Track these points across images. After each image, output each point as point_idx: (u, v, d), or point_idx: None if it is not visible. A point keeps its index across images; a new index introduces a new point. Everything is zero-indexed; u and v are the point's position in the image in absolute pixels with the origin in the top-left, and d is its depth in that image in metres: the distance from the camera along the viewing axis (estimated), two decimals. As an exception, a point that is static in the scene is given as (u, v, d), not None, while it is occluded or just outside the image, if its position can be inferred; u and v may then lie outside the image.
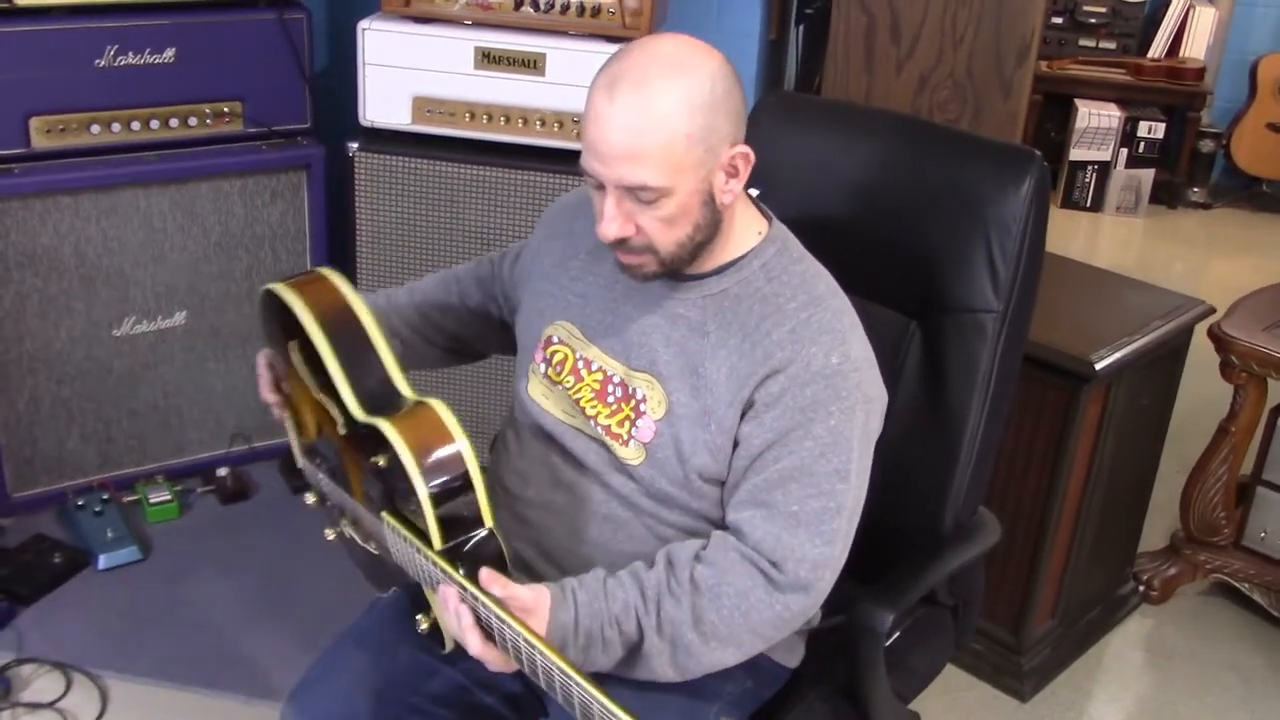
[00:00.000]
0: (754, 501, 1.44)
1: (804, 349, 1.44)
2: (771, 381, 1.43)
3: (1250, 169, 5.35)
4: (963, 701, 2.48)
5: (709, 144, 1.39)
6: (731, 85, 1.41)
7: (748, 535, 1.43)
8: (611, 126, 1.36)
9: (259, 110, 2.77)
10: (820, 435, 1.42)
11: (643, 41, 1.43)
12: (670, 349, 1.50)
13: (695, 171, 1.39)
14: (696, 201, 1.41)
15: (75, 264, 2.66)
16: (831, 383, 1.43)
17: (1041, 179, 1.66)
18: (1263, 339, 2.60)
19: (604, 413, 1.53)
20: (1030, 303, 1.70)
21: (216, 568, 2.68)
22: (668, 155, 1.36)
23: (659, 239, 1.43)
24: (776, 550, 1.41)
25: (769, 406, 1.43)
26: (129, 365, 2.79)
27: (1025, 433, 2.36)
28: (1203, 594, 2.86)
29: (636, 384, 1.51)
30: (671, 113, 1.36)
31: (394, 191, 2.70)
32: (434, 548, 1.36)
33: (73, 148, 2.60)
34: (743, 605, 1.41)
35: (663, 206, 1.39)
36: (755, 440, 1.44)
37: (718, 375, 1.46)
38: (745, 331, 1.46)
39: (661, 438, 1.49)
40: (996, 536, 1.76)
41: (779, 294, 1.48)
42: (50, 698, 2.31)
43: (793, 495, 1.42)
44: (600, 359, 1.55)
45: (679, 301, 1.51)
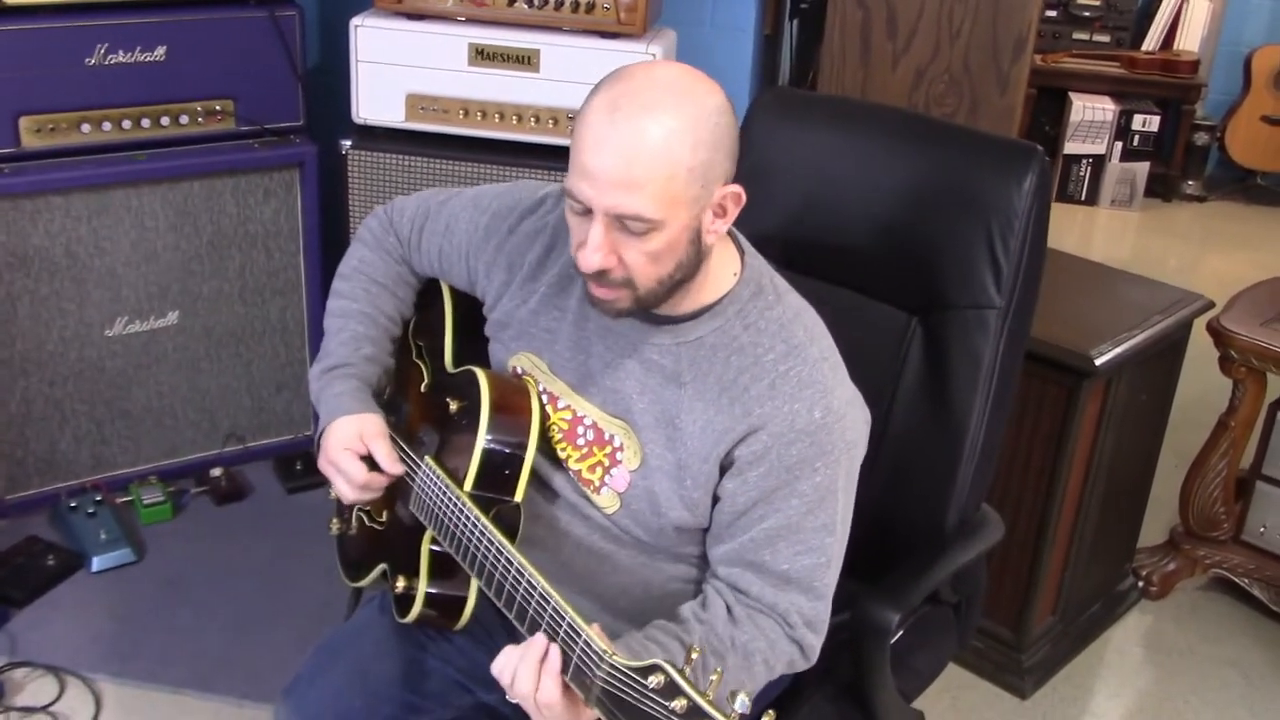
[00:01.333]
0: (742, 561, 1.42)
1: (786, 405, 1.39)
2: (753, 439, 1.39)
3: (1244, 161, 5.34)
4: (964, 700, 2.47)
5: (706, 180, 1.32)
6: (732, 122, 1.35)
7: (748, 591, 1.41)
8: (610, 149, 1.29)
9: (251, 108, 2.75)
10: (806, 492, 1.39)
11: (645, 66, 1.38)
12: (645, 397, 1.45)
13: (689, 207, 1.32)
14: (684, 239, 1.34)
15: (67, 264, 2.63)
16: (816, 439, 1.39)
17: (1043, 174, 1.65)
18: (1262, 333, 2.59)
19: (574, 455, 1.50)
20: (1032, 298, 1.69)
21: (211, 569, 2.66)
22: (666, 187, 1.29)
23: (640, 274, 1.36)
24: (778, 605, 1.41)
25: (752, 464, 1.40)
26: (121, 366, 2.77)
27: (1025, 429, 2.35)
28: (1202, 589, 2.85)
29: (613, 431, 1.47)
30: (676, 143, 1.29)
31: (388, 189, 2.68)
32: (464, 488, 1.44)
33: (63, 147, 2.58)
34: (770, 658, 1.40)
35: (651, 240, 1.32)
36: (740, 498, 1.41)
37: (693, 428, 1.42)
38: (723, 385, 1.41)
39: (636, 489, 1.46)
40: (1000, 533, 1.75)
41: (757, 344, 1.42)
42: (44, 701, 2.29)
43: (781, 554, 1.40)
44: (568, 396, 1.51)
45: (653, 347, 1.45)
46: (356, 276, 1.71)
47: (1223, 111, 5.36)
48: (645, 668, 1.15)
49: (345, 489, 1.55)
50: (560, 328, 1.52)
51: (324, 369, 1.63)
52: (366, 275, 1.70)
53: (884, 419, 1.70)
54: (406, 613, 1.54)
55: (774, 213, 1.81)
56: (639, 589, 1.51)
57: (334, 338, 1.66)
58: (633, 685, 1.16)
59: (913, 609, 1.64)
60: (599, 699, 1.19)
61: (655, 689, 1.14)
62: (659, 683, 1.14)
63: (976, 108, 2.86)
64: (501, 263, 1.58)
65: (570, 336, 1.51)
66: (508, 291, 1.57)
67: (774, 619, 1.40)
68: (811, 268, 1.73)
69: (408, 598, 1.53)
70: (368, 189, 2.70)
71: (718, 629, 1.37)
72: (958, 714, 2.43)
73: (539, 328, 1.54)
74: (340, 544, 1.78)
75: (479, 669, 1.62)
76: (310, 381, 1.65)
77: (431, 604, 1.53)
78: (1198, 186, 5.44)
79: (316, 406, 1.62)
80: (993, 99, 2.85)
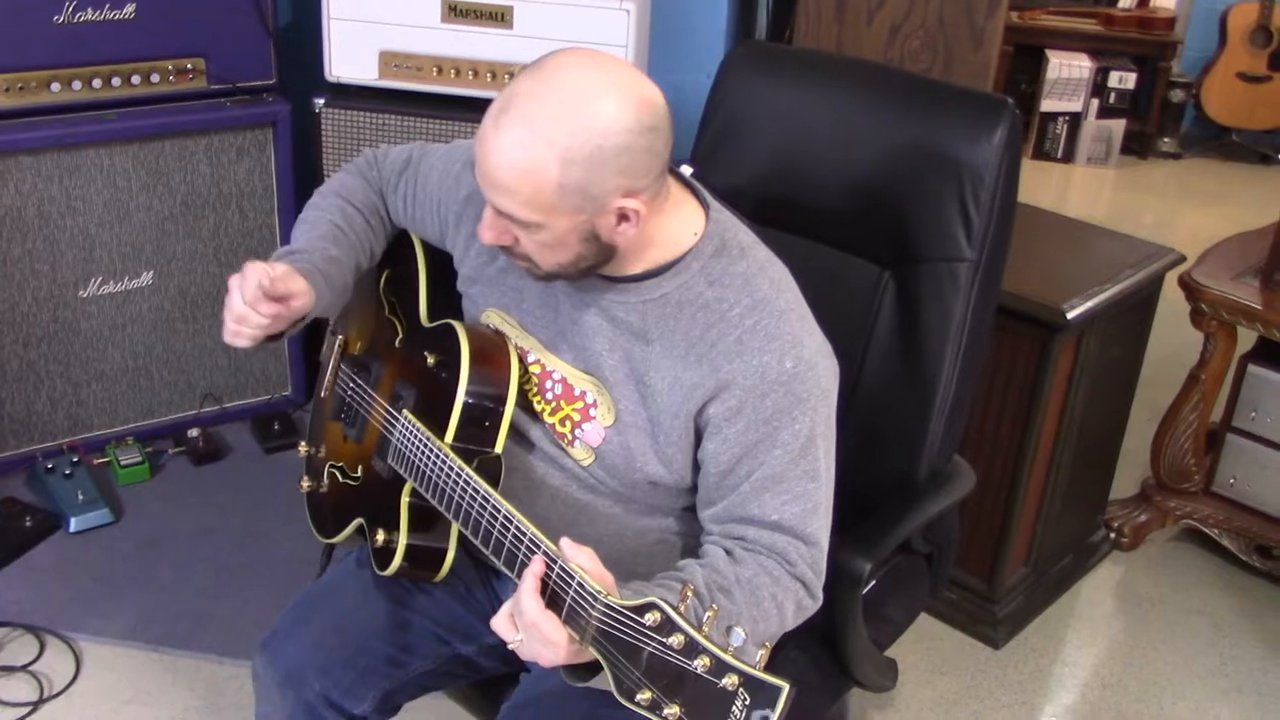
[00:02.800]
0: (733, 517, 1.43)
1: (755, 358, 1.39)
2: (726, 395, 1.40)
3: (1220, 119, 5.36)
4: (937, 650, 2.50)
5: (587, 194, 1.31)
6: (635, 138, 1.30)
7: (745, 538, 1.42)
8: (489, 151, 1.31)
9: (223, 67, 2.72)
10: (787, 442, 1.40)
11: (557, 61, 1.33)
12: (615, 354, 1.46)
13: (571, 215, 1.32)
14: (575, 238, 1.35)
15: (39, 224, 2.62)
16: (790, 388, 1.39)
17: (1014, 126, 1.65)
18: (1232, 287, 2.61)
19: (546, 410, 1.52)
20: (1004, 251, 1.69)
21: (189, 529, 2.67)
22: (533, 198, 1.31)
23: (538, 258, 1.38)
24: (775, 547, 1.41)
25: (729, 421, 1.40)
26: (96, 327, 2.76)
27: (998, 383, 2.37)
28: (1173, 540, 2.89)
29: (585, 387, 1.48)
30: (545, 159, 1.28)
31: (361, 148, 2.66)
32: (445, 440, 1.46)
33: (33, 106, 2.56)
34: (776, 594, 1.39)
35: (537, 234, 1.35)
36: (723, 456, 1.42)
37: (662, 385, 1.43)
38: (690, 342, 1.42)
39: (611, 444, 1.47)
40: (971, 484, 1.77)
41: (721, 299, 1.41)
42: (24, 661, 2.30)
43: (769, 505, 1.41)
44: (539, 352, 1.52)
45: (618, 305, 1.45)
46: (332, 196, 1.69)
47: (1199, 68, 5.37)
48: (641, 606, 1.16)
49: (235, 300, 1.47)
50: (528, 284, 1.52)
51: (283, 253, 1.59)
52: (342, 197, 1.69)
53: (856, 372, 1.71)
54: (386, 565, 1.55)
55: (746, 167, 1.81)
56: (615, 539, 1.52)
57: (300, 237, 1.63)
58: (629, 624, 1.17)
59: (885, 559, 1.66)
60: (595, 639, 1.20)
61: (652, 626, 1.15)
62: (655, 620, 1.15)
63: (951, 64, 2.85)
64: (470, 214, 1.57)
65: (538, 293, 1.51)
66: (475, 245, 1.57)
67: (773, 558, 1.41)
68: (783, 222, 1.74)
69: (388, 550, 1.54)
70: (341, 148, 2.69)
71: (720, 568, 1.38)
72: (931, 664, 2.46)
73: (507, 285, 1.55)
74: (311, 501, 1.78)
75: (457, 621, 1.63)
76: None
77: (412, 556, 1.54)
78: (1173, 144, 5.46)
79: None
80: (967, 55, 2.85)
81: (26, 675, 2.28)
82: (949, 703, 2.37)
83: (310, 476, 1.77)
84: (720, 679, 1.10)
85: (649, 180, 1.34)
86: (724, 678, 1.10)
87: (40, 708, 2.22)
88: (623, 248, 1.39)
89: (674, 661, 1.13)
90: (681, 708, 1.12)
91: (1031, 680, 2.45)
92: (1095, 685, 2.45)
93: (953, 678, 2.44)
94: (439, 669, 1.64)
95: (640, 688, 1.15)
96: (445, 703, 1.85)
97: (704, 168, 1.83)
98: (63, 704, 2.24)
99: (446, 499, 1.44)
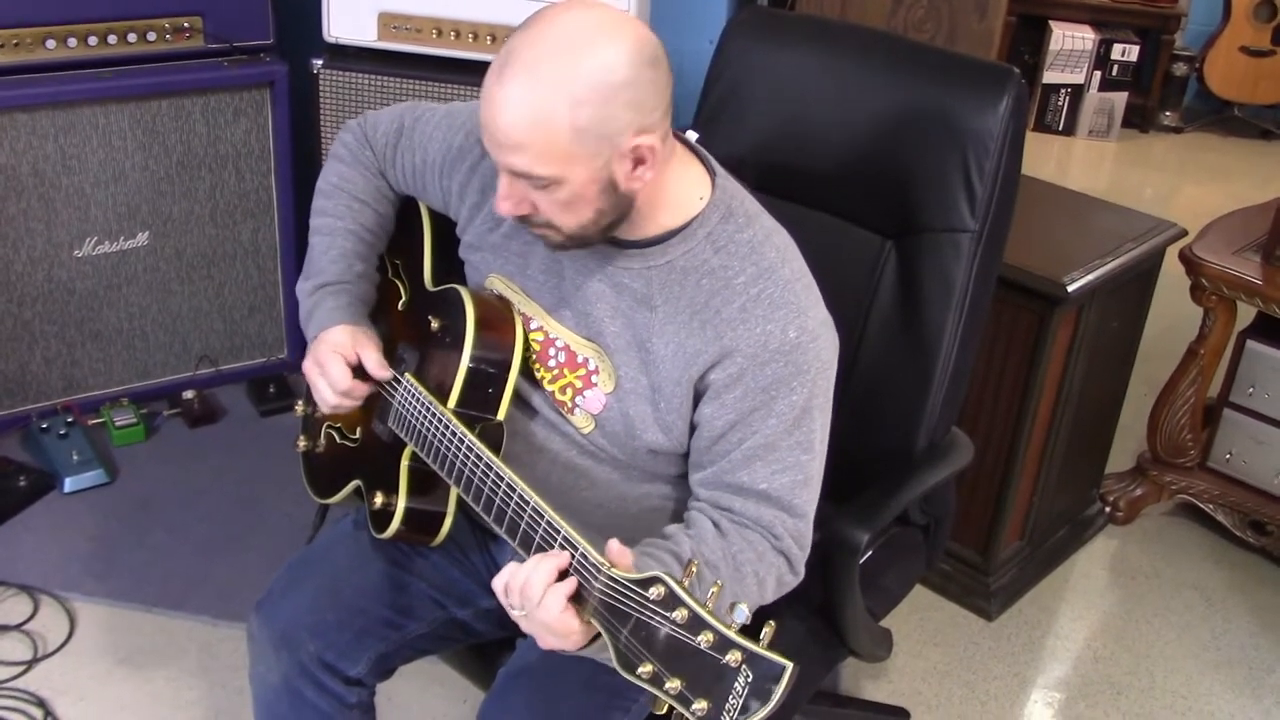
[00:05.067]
0: (721, 484, 1.43)
1: (759, 326, 1.38)
2: (728, 362, 1.39)
3: (1222, 93, 5.33)
4: (931, 621, 2.51)
5: (603, 134, 1.29)
6: (639, 71, 1.29)
7: (731, 508, 1.42)
8: (496, 110, 1.29)
9: (220, 25, 2.69)
10: (783, 412, 1.40)
11: (550, 11, 1.32)
12: (617, 321, 1.45)
13: (589, 162, 1.31)
14: (594, 190, 1.33)
15: (34, 183, 2.60)
16: (790, 358, 1.39)
17: (1019, 97, 1.64)
18: (1233, 262, 2.60)
19: (547, 377, 1.51)
20: (1006, 222, 1.69)
21: (184, 490, 2.67)
22: (550, 147, 1.29)
23: (558, 220, 1.36)
24: (761, 520, 1.41)
25: (728, 388, 1.40)
26: (92, 287, 2.75)
27: (996, 355, 2.36)
28: (1168, 514, 2.89)
29: (587, 354, 1.48)
30: (555, 103, 1.27)
31: (360, 109, 2.64)
32: (448, 406, 1.45)
33: (27, 63, 2.53)
34: (759, 569, 1.40)
35: (556, 192, 1.32)
36: (717, 422, 1.41)
37: (665, 352, 1.42)
38: (694, 309, 1.41)
39: (611, 411, 1.47)
40: (969, 456, 1.76)
41: (727, 267, 1.41)
42: (18, 620, 2.30)
43: (759, 473, 1.41)
44: (541, 318, 1.51)
45: (623, 271, 1.44)
46: (338, 194, 1.69)
47: (1202, 42, 5.34)
48: (645, 579, 1.16)
49: (326, 393, 1.55)
50: (533, 251, 1.51)
51: (316, 285, 1.63)
52: (348, 192, 1.69)
53: (857, 342, 1.71)
54: (384, 528, 1.55)
55: (748, 134, 1.80)
56: (614, 504, 1.52)
57: (323, 255, 1.65)
58: (633, 596, 1.16)
59: (882, 529, 1.65)
60: (597, 610, 1.20)
61: (656, 600, 1.14)
62: (659, 594, 1.14)
63: (955, 33, 2.83)
64: (475, 184, 1.56)
65: (543, 259, 1.50)
66: (479, 214, 1.56)
67: (759, 532, 1.41)
68: (785, 191, 1.73)
69: (386, 514, 1.54)
70: (339, 109, 2.67)
71: (708, 541, 1.38)
72: (925, 635, 2.47)
73: (511, 251, 1.54)
74: (307, 461, 1.78)
75: (454, 585, 1.63)
76: (300, 298, 1.64)
77: (410, 520, 1.54)
78: (1175, 117, 5.43)
79: (306, 322, 1.62)
80: (971, 24, 2.83)
81: (20, 634, 2.28)
82: (941, 674, 2.38)
83: (307, 436, 1.76)
84: (723, 655, 1.10)
85: (658, 116, 1.33)
86: (727, 654, 1.10)
87: (34, 667, 2.22)
88: (640, 201, 1.38)
89: (677, 636, 1.13)
90: (682, 682, 1.12)
91: (1024, 652, 2.46)
92: (1088, 658, 2.46)
93: (945, 649, 2.44)
94: (434, 633, 1.64)
95: (642, 661, 1.15)
96: (439, 667, 1.85)
97: (706, 135, 1.81)
98: (57, 663, 2.24)
99: (448, 464, 1.44)
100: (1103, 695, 2.37)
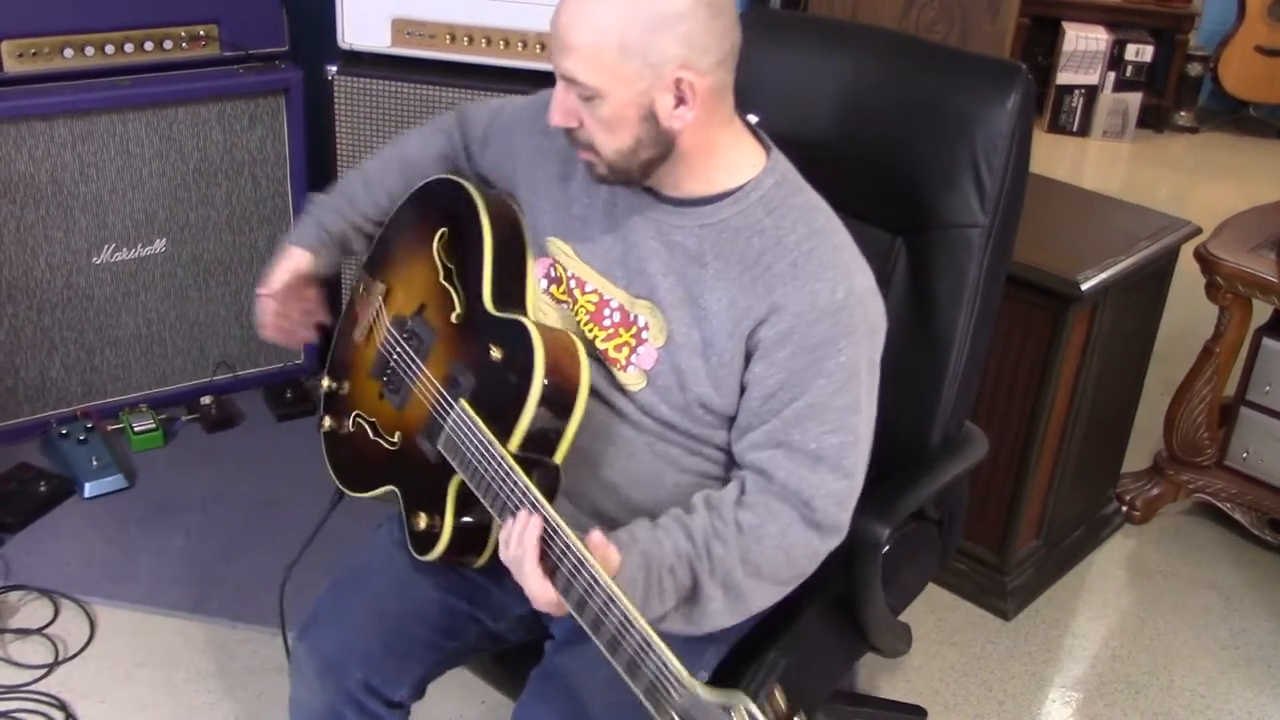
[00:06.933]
0: (773, 442, 1.43)
1: (808, 285, 1.41)
2: (776, 319, 1.42)
3: (1237, 92, 5.32)
4: (947, 621, 2.51)
5: (647, 60, 1.34)
6: (697, 9, 1.34)
7: (774, 475, 1.42)
8: (560, 11, 1.37)
9: (235, 33, 2.72)
10: (832, 372, 1.41)
11: None
12: (669, 277, 1.48)
13: (631, 83, 1.35)
14: (634, 114, 1.37)
15: (52, 191, 2.62)
16: (839, 318, 1.41)
17: (1027, 92, 1.65)
18: (1248, 259, 2.60)
19: (600, 336, 1.52)
20: (1016, 216, 1.69)
21: (202, 495, 2.68)
22: (596, 55, 1.35)
23: (599, 140, 1.41)
24: (803, 489, 1.41)
25: (778, 345, 1.42)
26: (110, 293, 2.77)
27: (1011, 354, 2.36)
28: (1184, 514, 2.88)
29: (638, 311, 1.50)
30: (610, 17, 1.34)
31: (375, 115, 2.66)
32: (509, 448, 1.40)
33: (46, 72, 2.56)
34: (784, 543, 1.41)
35: (598, 107, 1.38)
36: (768, 380, 1.43)
37: (717, 306, 1.45)
38: (745, 264, 1.44)
39: (662, 365, 1.48)
40: (985, 450, 1.77)
41: (779, 226, 1.45)
42: (39, 624, 2.32)
43: (810, 433, 1.42)
44: (595, 280, 1.53)
45: (677, 229, 1.48)
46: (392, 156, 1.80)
47: (1216, 41, 5.33)
48: (725, 704, 1.14)
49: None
50: (592, 214, 1.54)
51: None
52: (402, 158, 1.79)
53: (869, 338, 1.71)
54: (427, 551, 1.50)
55: (759, 134, 1.80)
56: (651, 478, 1.52)
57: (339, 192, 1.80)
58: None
59: (900, 523, 1.66)
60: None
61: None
62: None
63: (967, 34, 2.84)
64: (547, 155, 1.61)
65: (600, 222, 1.54)
66: (552, 180, 1.60)
67: (791, 505, 1.42)
68: (797, 188, 1.73)
69: (429, 536, 1.49)
70: (354, 116, 2.68)
71: (723, 513, 1.41)
72: (942, 635, 2.46)
73: (574, 215, 1.56)
74: (331, 444, 1.72)
75: (489, 598, 1.63)
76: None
77: (454, 545, 1.49)
78: (1190, 118, 5.42)
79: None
80: (984, 26, 2.83)
81: (42, 638, 2.30)
82: (959, 673, 2.38)
83: (331, 415, 1.71)
84: None
85: (710, 62, 1.37)
86: None
87: (55, 670, 2.24)
88: (689, 150, 1.42)
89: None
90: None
91: (1041, 652, 2.45)
92: (1105, 657, 2.46)
93: (963, 649, 2.44)
94: (468, 646, 1.64)
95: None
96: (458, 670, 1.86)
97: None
98: (77, 666, 2.25)
99: (500, 504, 1.39)
100: (1121, 694, 2.36)
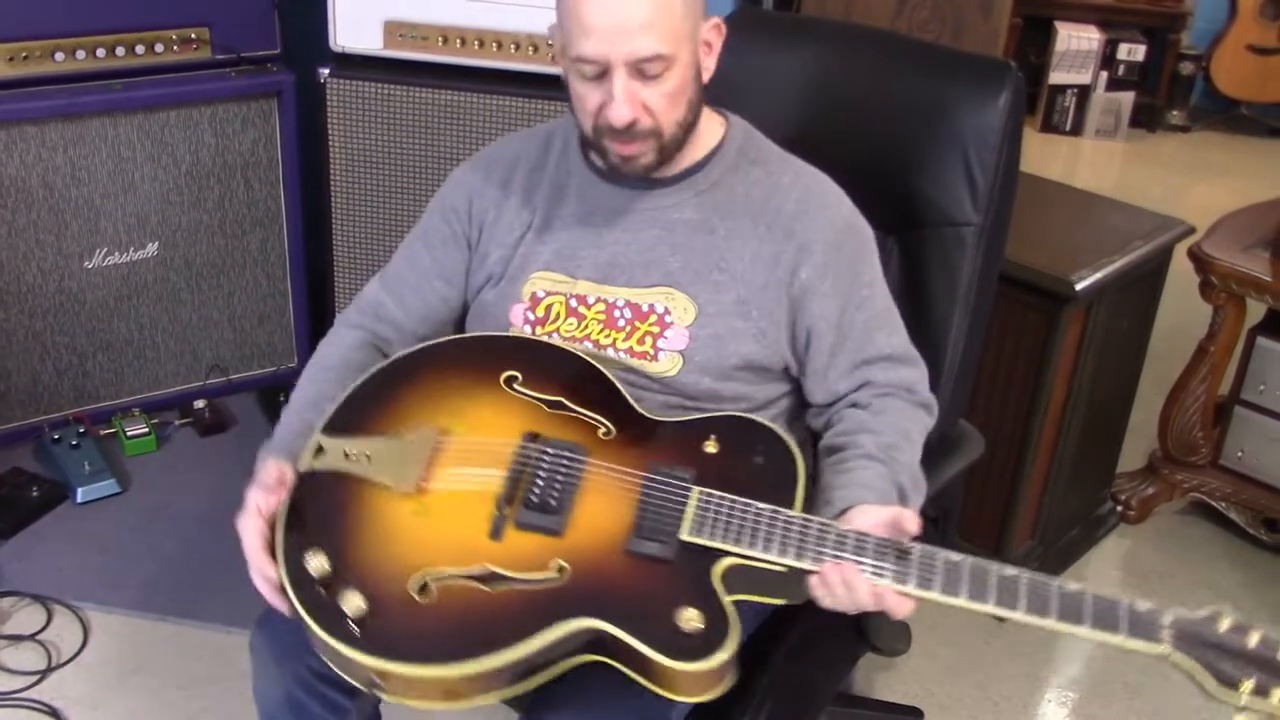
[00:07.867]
0: (860, 362, 1.51)
1: (820, 214, 1.50)
2: (808, 256, 1.48)
3: (1230, 91, 5.32)
4: (944, 621, 2.50)
5: (694, 14, 1.42)
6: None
7: (874, 382, 1.52)
8: (605, 7, 1.38)
9: (227, 36, 2.71)
10: (871, 280, 1.53)
11: None
12: (679, 255, 1.51)
13: (689, 41, 1.42)
14: (690, 75, 1.44)
15: (43, 195, 2.61)
16: (855, 231, 1.53)
17: (1017, 90, 1.66)
18: (1242, 259, 2.59)
19: (619, 338, 1.53)
20: (1008, 214, 1.70)
21: (195, 499, 2.67)
22: (669, 20, 1.38)
23: (664, 118, 1.44)
24: (902, 381, 1.52)
25: (822, 277, 1.49)
26: (102, 298, 2.76)
27: (1005, 354, 2.36)
28: (1180, 513, 2.88)
29: (652, 300, 1.51)
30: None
31: (367, 118, 2.66)
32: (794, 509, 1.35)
33: (37, 76, 2.55)
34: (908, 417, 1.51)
35: (667, 81, 1.41)
36: (830, 312, 1.50)
37: (741, 265, 1.49)
38: (754, 217, 1.50)
39: (697, 340, 1.50)
40: (981, 447, 1.78)
41: (769, 172, 1.53)
42: (31, 630, 2.31)
43: (881, 340, 1.52)
44: (595, 290, 1.54)
45: (670, 209, 1.52)
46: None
47: (1208, 41, 5.33)
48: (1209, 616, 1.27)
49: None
50: (567, 235, 1.56)
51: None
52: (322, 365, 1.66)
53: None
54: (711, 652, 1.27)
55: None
56: None
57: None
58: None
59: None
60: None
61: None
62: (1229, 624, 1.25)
63: (960, 34, 2.84)
64: (510, 205, 1.60)
65: (581, 238, 1.55)
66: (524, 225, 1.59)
67: (897, 395, 1.52)
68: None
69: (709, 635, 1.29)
70: (347, 118, 2.67)
71: (874, 426, 1.47)
72: (938, 635, 2.46)
73: (551, 243, 1.56)
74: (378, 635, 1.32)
75: None
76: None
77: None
78: (1182, 116, 5.43)
79: None
80: (976, 25, 2.84)
81: (34, 644, 2.29)
82: (954, 673, 2.37)
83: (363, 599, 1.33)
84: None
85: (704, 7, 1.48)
86: None
87: (48, 676, 2.23)
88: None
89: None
90: None
91: (1037, 652, 2.45)
92: (1100, 657, 2.45)
93: (958, 649, 2.44)
94: None
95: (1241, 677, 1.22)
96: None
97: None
98: (70, 672, 2.24)
99: (797, 551, 1.33)
100: (1117, 695, 2.36)
